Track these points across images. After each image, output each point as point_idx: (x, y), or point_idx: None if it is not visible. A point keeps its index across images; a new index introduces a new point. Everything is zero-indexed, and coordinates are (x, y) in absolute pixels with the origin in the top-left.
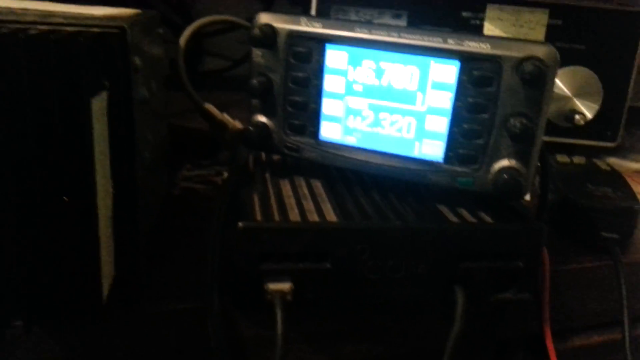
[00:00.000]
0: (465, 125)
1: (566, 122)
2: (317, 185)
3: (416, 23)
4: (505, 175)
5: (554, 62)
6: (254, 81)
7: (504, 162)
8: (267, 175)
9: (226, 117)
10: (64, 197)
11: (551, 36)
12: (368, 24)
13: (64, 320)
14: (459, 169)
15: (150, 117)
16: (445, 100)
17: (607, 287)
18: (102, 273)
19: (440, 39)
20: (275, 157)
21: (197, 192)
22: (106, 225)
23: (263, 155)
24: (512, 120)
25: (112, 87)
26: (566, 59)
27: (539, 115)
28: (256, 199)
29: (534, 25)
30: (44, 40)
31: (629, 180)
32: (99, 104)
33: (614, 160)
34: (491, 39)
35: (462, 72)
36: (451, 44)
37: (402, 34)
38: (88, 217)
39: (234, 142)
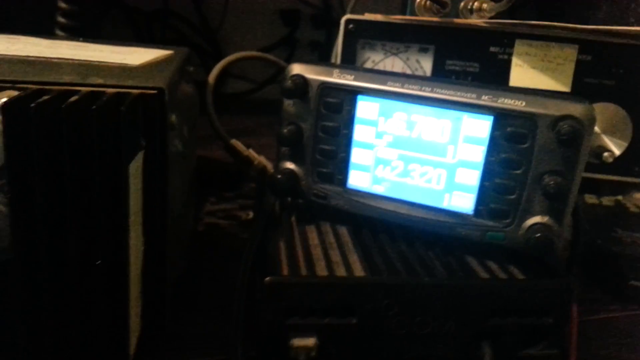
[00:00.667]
0: (497, 180)
1: (594, 159)
2: (344, 232)
3: (443, 57)
4: (537, 233)
5: (591, 121)
6: (284, 130)
7: (537, 219)
8: (293, 220)
9: (252, 152)
10: (97, 262)
11: (580, 72)
12: (401, 77)
13: None
14: (489, 223)
15: (182, 165)
16: (478, 153)
17: (637, 336)
18: (130, 330)
19: (474, 95)
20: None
21: (222, 228)
22: (136, 282)
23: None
24: (546, 178)
25: (149, 146)
26: (595, 95)
27: (574, 174)
28: (283, 249)
29: (562, 60)
30: (85, 108)
31: None
32: (135, 166)
33: None
34: (527, 95)
35: (496, 127)
36: (485, 100)
37: (435, 89)
38: (119, 277)
39: (259, 177)
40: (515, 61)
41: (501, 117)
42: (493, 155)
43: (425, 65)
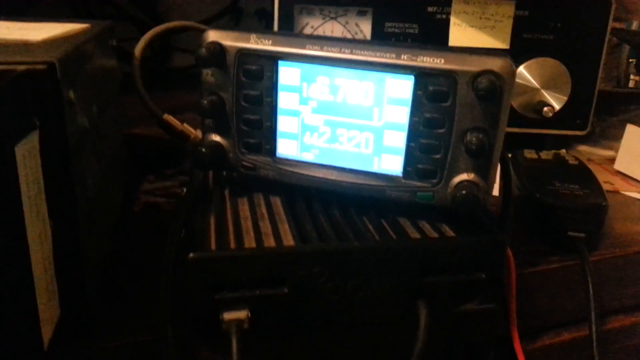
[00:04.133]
0: (422, 140)
1: (535, 114)
2: (277, 202)
3: (382, 20)
4: (463, 190)
5: (511, 75)
6: (204, 101)
7: (463, 176)
8: (226, 193)
9: (187, 127)
10: None
11: (518, 28)
12: (320, 40)
13: None
14: (418, 183)
15: (94, 143)
16: (402, 115)
17: (575, 285)
18: (40, 317)
19: (394, 55)
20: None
21: (159, 206)
22: (45, 266)
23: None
24: (468, 136)
25: (44, 125)
26: (534, 50)
27: (496, 129)
28: (212, 223)
29: (500, 17)
30: None
31: (599, 168)
32: (29, 147)
33: (585, 148)
34: (446, 52)
35: (417, 87)
36: (405, 59)
37: (355, 50)
38: (18, 263)
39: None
40: (453, 20)
41: (422, 76)
42: (417, 115)
43: (365, 28)
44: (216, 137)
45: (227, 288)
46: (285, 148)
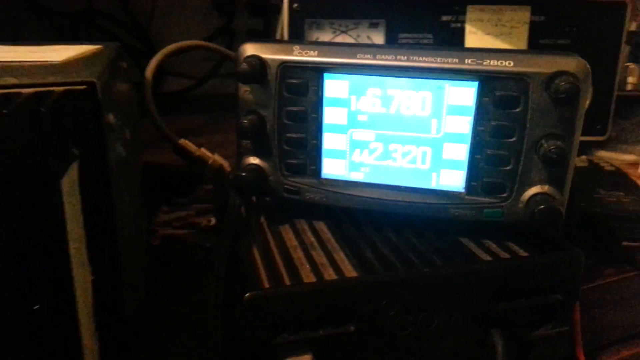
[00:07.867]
0: (489, 151)
1: None
2: (322, 228)
3: (395, 31)
4: (541, 205)
5: (587, 76)
6: (244, 121)
7: (536, 189)
8: (263, 221)
9: (204, 151)
10: (35, 306)
11: (535, 33)
12: (371, 47)
13: None
14: (484, 199)
15: (128, 174)
16: (464, 125)
17: (631, 299)
18: None
19: (456, 59)
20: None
21: (179, 238)
22: (87, 320)
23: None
24: (544, 144)
25: (84, 155)
26: None
27: (572, 135)
28: (258, 256)
29: (516, 23)
30: None
31: (629, 173)
32: (69, 181)
33: (604, 154)
34: (514, 54)
35: (482, 93)
36: (470, 63)
37: (412, 57)
38: (65, 320)
39: (216, 178)
40: (468, 29)
41: (487, 81)
42: (482, 124)
43: (377, 40)
44: (255, 160)
45: (286, 330)
46: (332, 168)
